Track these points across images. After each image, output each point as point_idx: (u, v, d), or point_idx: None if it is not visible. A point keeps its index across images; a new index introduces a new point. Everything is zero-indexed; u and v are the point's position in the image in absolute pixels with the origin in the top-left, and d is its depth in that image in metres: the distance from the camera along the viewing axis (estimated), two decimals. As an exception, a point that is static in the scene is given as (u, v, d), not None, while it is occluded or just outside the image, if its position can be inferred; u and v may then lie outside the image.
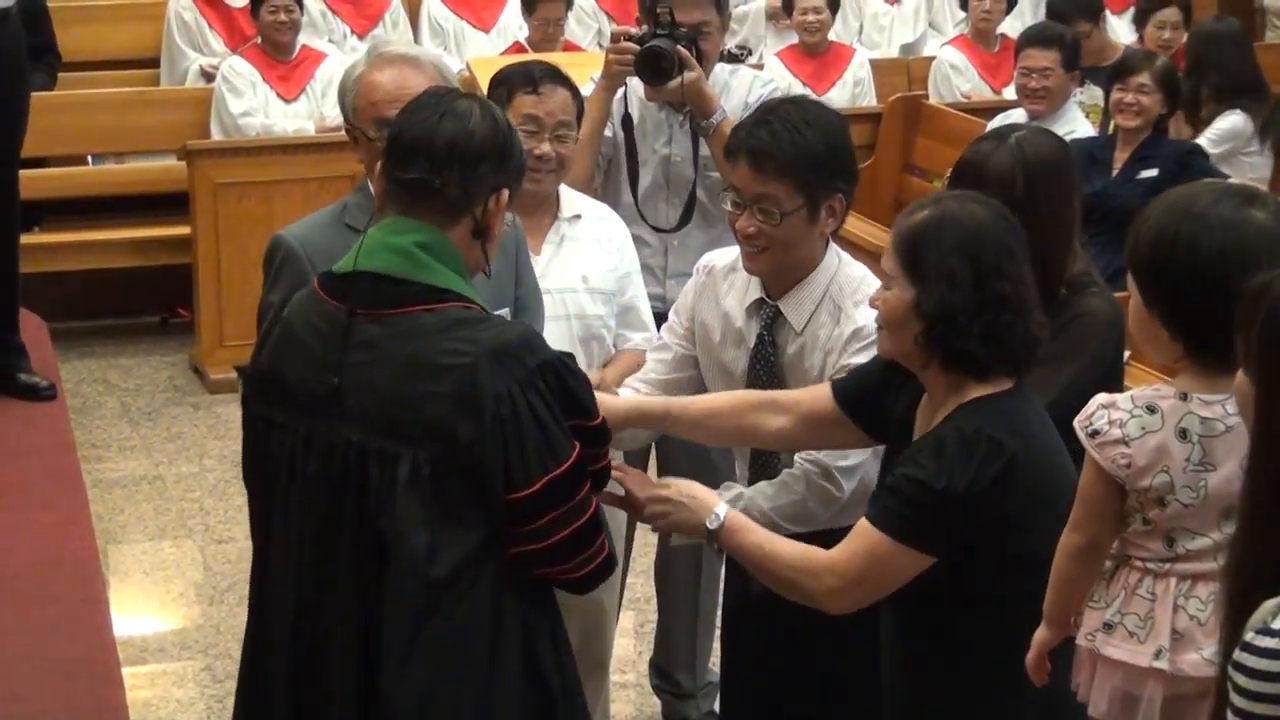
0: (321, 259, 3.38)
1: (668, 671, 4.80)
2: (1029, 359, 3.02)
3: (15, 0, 6.10)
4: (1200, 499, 2.93)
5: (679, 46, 4.42)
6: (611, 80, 4.49)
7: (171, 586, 5.79)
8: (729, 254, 3.68)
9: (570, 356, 2.87)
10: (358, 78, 3.51)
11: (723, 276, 3.69)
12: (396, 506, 2.72)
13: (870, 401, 3.24)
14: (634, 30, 4.53)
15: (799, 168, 3.39)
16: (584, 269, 4.08)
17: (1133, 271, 2.97)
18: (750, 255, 3.50)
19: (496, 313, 3.40)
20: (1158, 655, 2.97)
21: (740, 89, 4.63)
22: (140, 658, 5.29)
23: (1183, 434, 2.92)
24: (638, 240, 4.55)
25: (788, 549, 3.07)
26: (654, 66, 4.40)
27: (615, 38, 4.52)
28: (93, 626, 4.93)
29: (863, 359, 3.42)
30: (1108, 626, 3.03)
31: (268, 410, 2.89)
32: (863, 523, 2.98)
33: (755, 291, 3.59)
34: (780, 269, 3.50)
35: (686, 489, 3.17)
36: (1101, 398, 3.00)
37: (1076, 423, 3.00)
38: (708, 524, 3.10)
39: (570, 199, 4.16)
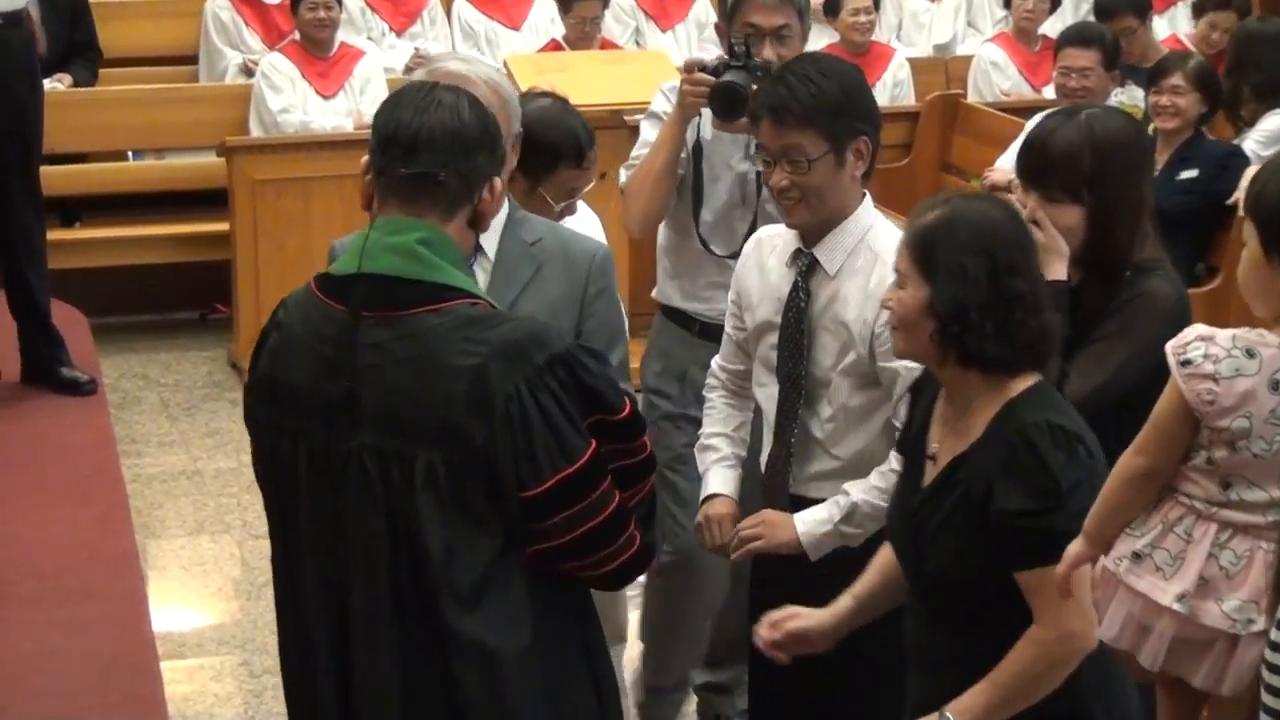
0: None
1: (705, 666, 4.80)
2: (1049, 354, 3.02)
3: (28, 3, 6.12)
4: (1272, 452, 2.95)
5: (753, 83, 4.26)
6: (685, 112, 4.38)
7: (209, 581, 5.82)
8: (776, 226, 3.73)
9: (591, 351, 2.83)
10: None
11: (767, 241, 3.74)
12: (415, 508, 2.73)
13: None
14: (708, 60, 4.43)
15: (819, 115, 3.47)
16: None
17: (1257, 223, 2.97)
18: (788, 209, 3.57)
19: None
20: (1180, 599, 3.00)
21: None
22: (178, 652, 5.32)
23: (1275, 385, 2.94)
24: (709, 257, 4.47)
25: (1014, 661, 2.96)
26: (728, 103, 4.27)
27: (690, 68, 4.40)
28: (131, 621, 4.96)
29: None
30: (1136, 556, 3.06)
31: (275, 416, 2.86)
32: (1027, 577, 2.92)
33: (794, 243, 3.64)
34: (818, 219, 3.56)
35: None
36: (1200, 329, 3.01)
37: (1170, 347, 3.00)
38: None
39: None
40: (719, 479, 3.77)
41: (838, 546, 3.56)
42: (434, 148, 2.79)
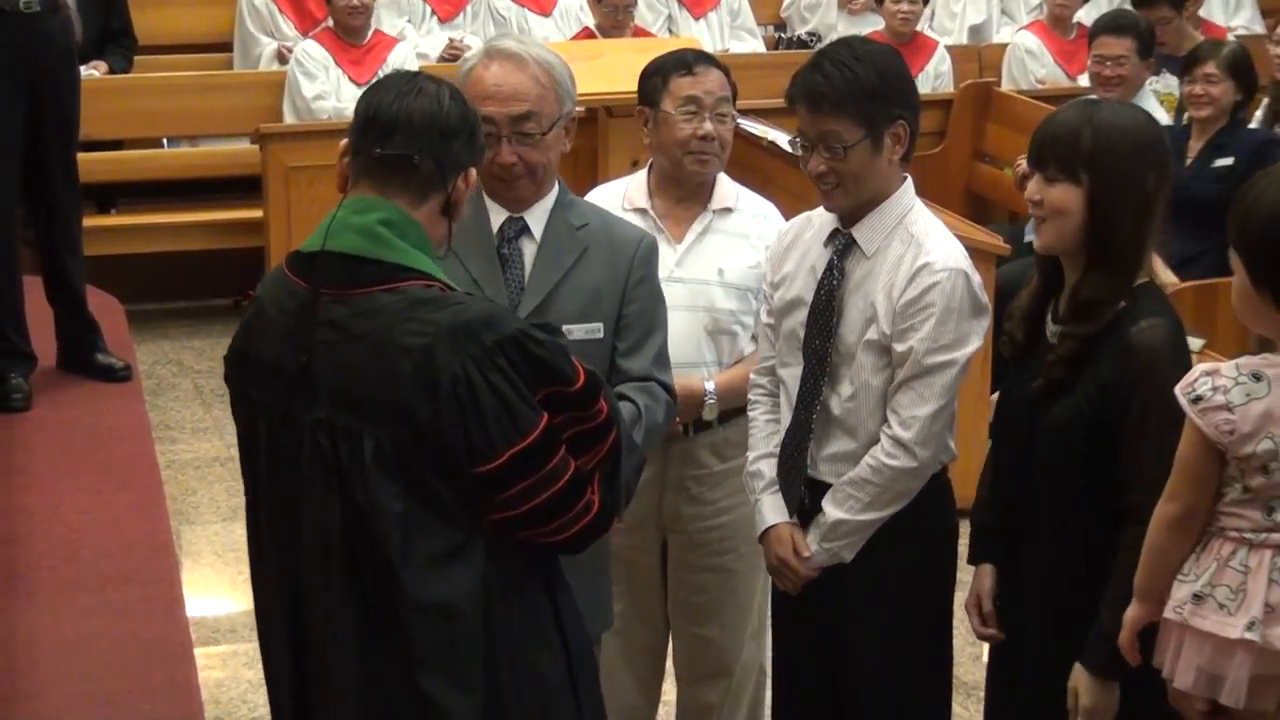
0: None
1: None
2: None
3: None
4: None
5: None
6: None
7: (243, 568, 5.79)
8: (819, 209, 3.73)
9: (543, 326, 2.86)
10: (468, 69, 3.45)
11: (805, 221, 3.74)
12: (367, 482, 2.77)
13: None
14: None
15: (854, 101, 3.45)
16: (721, 262, 4.03)
17: (1239, 251, 2.95)
18: (826, 194, 3.56)
19: (585, 327, 3.41)
20: (1250, 627, 2.96)
21: None
22: (212, 638, 5.35)
23: None
24: None
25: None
26: None
27: None
28: (166, 607, 4.97)
29: (925, 325, 3.45)
30: (1197, 598, 3.03)
31: (245, 388, 2.95)
32: None
33: (832, 223, 3.64)
34: (856, 203, 3.56)
35: None
36: (1204, 365, 2.99)
37: (1178, 389, 2.98)
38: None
39: (725, 192, 4.11)
40: (772, 507, 3.72)
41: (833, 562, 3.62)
42: (411, 131, 2.85)
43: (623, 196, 4.09)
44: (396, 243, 2.82)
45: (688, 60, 4.05)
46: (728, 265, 4.04)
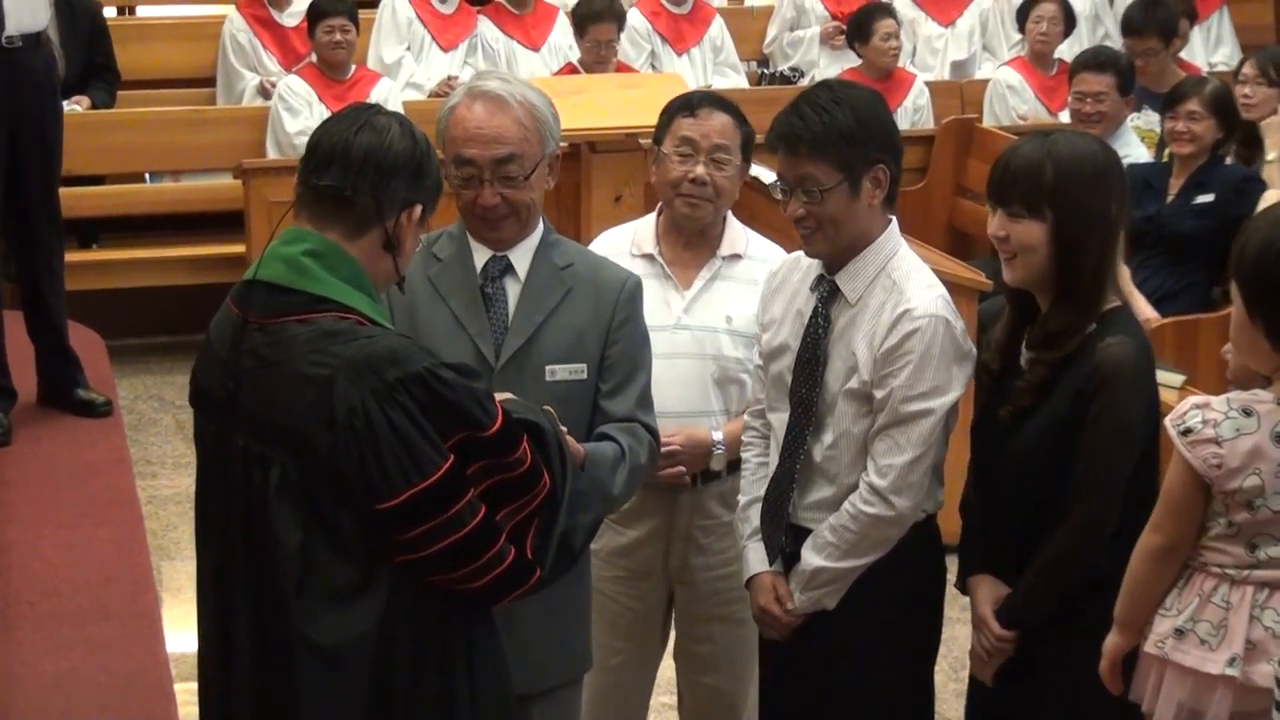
0: None
1: None
2: None
3: (47, 26, 6.15)
4: None
5: None
6: None
7: (224, 603, 5.80)
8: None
9: (456, 368, 2.80)
10: (450, 108, 3.41)
11: (794, 263, 3.73)
12: (269, 510, 2.78)
13: None
14: None
15: (831, 145, 3.44)
16: (730, 309, 3.97)
17: (1237, 283, 2.97)
18: (806, 238, 3.55)
19: (569, 368, 3.39)
20: (1231, 663, 2.97)
21: None
22: (192, 674, 5.23)
23: (1278, 438, 2.92)
24: None
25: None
26: None
27: None
28: (146, 642, 4.95)
29: (903, 373, 3.45)
30: (1179, 633, 3.04)
31: (197, 415, 2.98)
32: None
33: (817, 270, 3.63)
34: (836, 248, 3.54)
35: None
36: (1195, 398, 3.01)
37: (1168, 421, 3.00)
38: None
39: (735, 237, 4.05)
40: (756, 555, 3.70)
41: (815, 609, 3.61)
42: (347, 164, 2.85)
43: (631, 241, 4.04)
44: (321, 274, 2.82)
45: (693, 102, 4.02)
46: (736, 313, 3.98)
